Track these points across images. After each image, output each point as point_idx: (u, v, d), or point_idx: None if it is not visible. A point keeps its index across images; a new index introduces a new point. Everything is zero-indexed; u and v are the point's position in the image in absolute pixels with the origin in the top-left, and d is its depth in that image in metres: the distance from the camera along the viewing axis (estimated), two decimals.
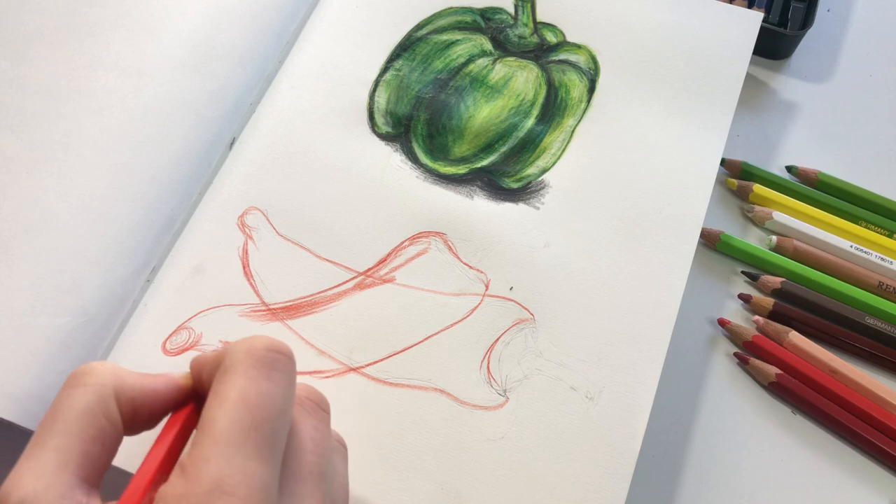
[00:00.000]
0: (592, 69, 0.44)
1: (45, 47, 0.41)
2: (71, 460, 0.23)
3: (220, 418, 0.23)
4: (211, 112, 0.40)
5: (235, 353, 0.25)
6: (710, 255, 0.43)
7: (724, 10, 0.46)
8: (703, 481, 0.37)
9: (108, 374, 0.25)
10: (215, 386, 0.24)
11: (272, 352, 0.25)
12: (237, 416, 0.23)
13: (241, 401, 0.23)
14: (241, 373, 0.24)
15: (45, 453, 0.23)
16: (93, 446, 0.24)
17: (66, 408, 0.24)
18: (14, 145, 0.39)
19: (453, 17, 0.45)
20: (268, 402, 0.24)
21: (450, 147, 0.41)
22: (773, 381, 0.38)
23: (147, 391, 0.26)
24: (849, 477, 0.37)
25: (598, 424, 0.34)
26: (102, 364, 0.26)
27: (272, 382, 0.24)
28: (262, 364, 0.24)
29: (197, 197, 0.39)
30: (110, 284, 0.36)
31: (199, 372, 0.27)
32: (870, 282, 0.41)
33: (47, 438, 0.24)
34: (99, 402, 0.25)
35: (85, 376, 0.25)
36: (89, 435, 0.24)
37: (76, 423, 0.24)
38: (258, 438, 0.23)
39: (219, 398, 0.24)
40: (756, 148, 0.46)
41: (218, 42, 0.42)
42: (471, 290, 0.37)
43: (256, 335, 0.25)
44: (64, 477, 0.23)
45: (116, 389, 0.25)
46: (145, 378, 0.26)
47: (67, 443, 0.24)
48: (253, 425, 0.23)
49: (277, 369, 0.25)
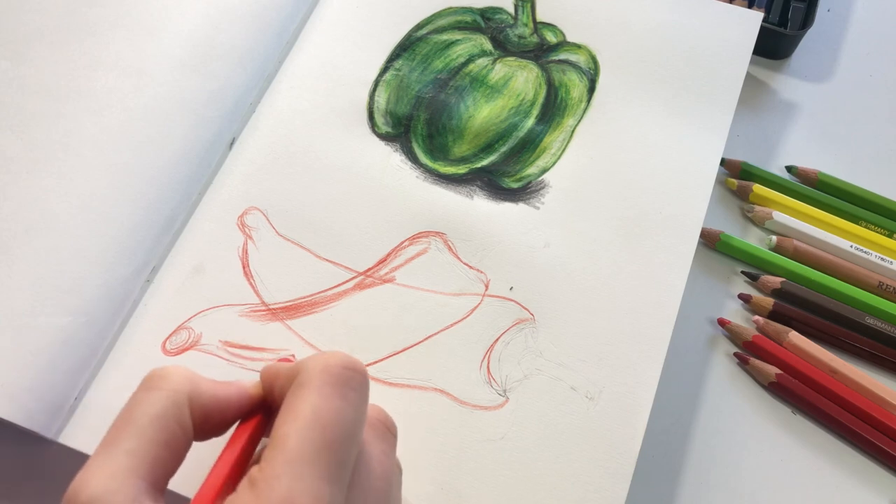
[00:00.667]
0: (592, 69, 0.44)
1: (45, 47, 0.41)
2: (142, 464, 0.23)
3: (292, 435, 0.23)
4: (211, 112, 0.40)
5: (310, 370, 0.25)
6: (710, 255, 0.43)
7: (724, 10, 0.46)
8: (703, 481, 0.37)
9: (184, 380, 0.25)
10: (289, 401, 0.24)
11: (347, 370, 0.25)
12: (310, 435, 0.23)
13: (314, 419, 0.23)
14: (316, 389, 0.24)
15: (117, 455, 0.23)
16: (164, 451, 0.24)
17: (140, 411, 0.24)
18: (14, 145, 0.39)
19: (453, 17, 0.45)
20: (341, 421, 0.24)
21: (450, 147, 0.41)
22: (773, 381, 0.38)
23: (220, 399, 0.26)
24: (849, 477, 0.37)
25: (598, 424, 0.34)
26: (178, 369, 0.26)
27: (346, 402, 0.24)
28: (336, 382, 0.24)
29: (197, 197, 0.39)
30: (110, 284, 0.36)
31: (270, 383, 0.27)
32: (870, 282, 0.41)
33: (120, 440, 0.24)
34: (173, 408, 0.25)
35: (161, 380, 0.25)
36: (161, 440, 0.24)
37: (149, 427, 0.24)
38: (329, 458, 0.23)
39: (292, 414, 0.24)
40: (756, 148, 0.46)
41: (218, 42, 0.42)
42: (471, 290, 0.37)
43: (332, 351, 0.25)
44: (135, 480, 0.23)
45: (191, 396, 0.25)
46: (218, 385, 0.26)
47: (140, 446, 0.24)
48: (325, 445, 0.23)
49: (352, 388, 0.25)
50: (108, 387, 0.34)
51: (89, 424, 0.33)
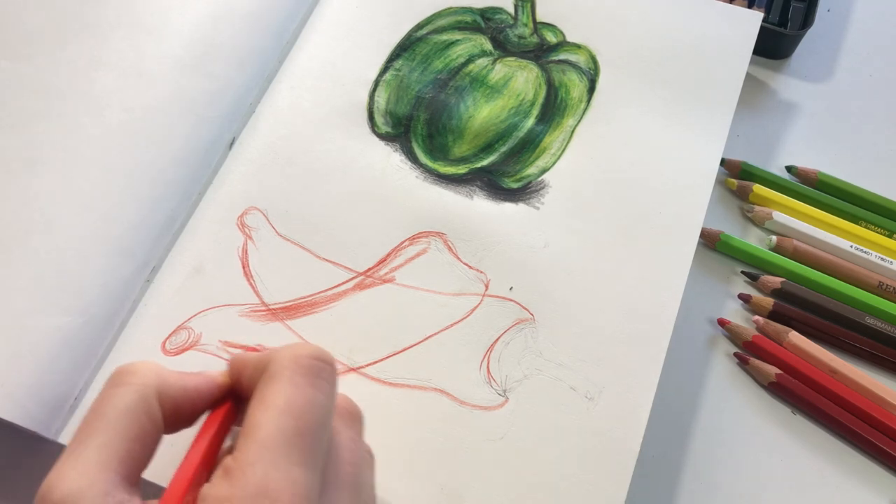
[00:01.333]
0: (592, 69, 0.44)
1: (45, 47, 0.41)
2: (113, 458, 0.24)
3: (265, 423, 0.23)
4: (211, 112, 0.40)
5: (281, 360, 0.25)
6: (710, 255, 0.43)
7: (724, 10, 0.46)
8: (703, 481, 0.37)
9: (151, 374, 0.26)
10: (260, 390, 0.25)
11: (317, 360, 0.25)
12: (283, 423, 0.23)
13: (287, 407, 0.24)
14: (287, 379, 0.24)
15: (87, 451, 0.24)
16: (135, 445, 0.24)
17: (109, 406, 0.24)
18: (14, 145, 0.39)
19: (453, 17, 0.45)
20: (313, 410, 0.24)
21: (450, 147, 0.41)
22: (773, 381, 0.38)
23: (188, 390, 0.26)
24: (849, 477, 0.37)
25: (598, 424, 0.34)
26: (145, 363, 0.26)
27: (317, 390, 0.25)
28: (307, 371, 0.25)
29: (197, 197, 0.39)
30: (110, 284, 0.36)
31: (238, 372, 0.27)
32: (870, 282, 0.41)
33: (90, 436, 0.24)
34: (142, 402, 0.25)
35: (128, 375, 0.25)
36: (132, 434, 0.24)
37: (119, 421, 0.24)
38: (303, 446, 0.23)
39: (264, 403, 0.24)
40: (756, 148, 0.46)
41: (218, 42, 0.42)
42: (471, 290, 0.37)
43: (301, 342, 0.26)
44: (107, 475, 0.23)
45: (159, 389, 0.25)
46: (186, 377, 0.27)
47: (110, 441, 0.24)
48: (298, 432, 0.23)
49: (322, 378, 0.25)
50: None
51: None
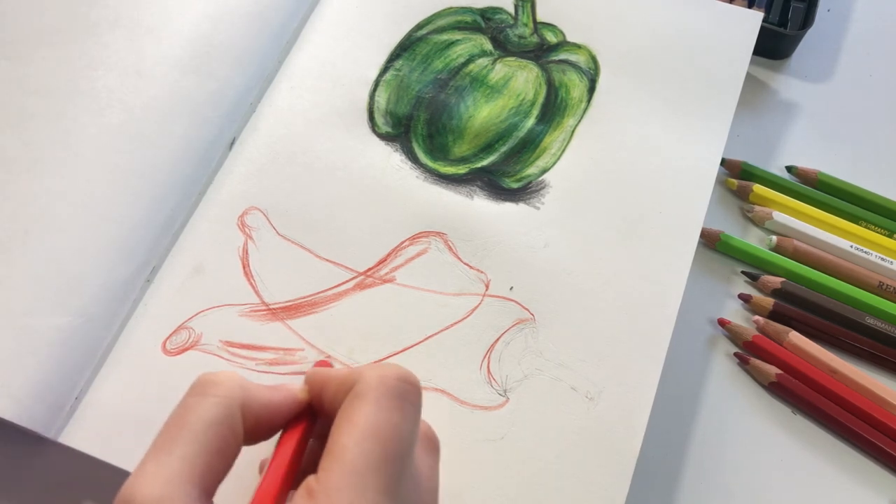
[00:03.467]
0: (592, 69, 0.44)
1: (45, 47, 0.41)
2: (196, 471, 0.23)
3: (351, 447, 0.23)
4: (211, 112, 0.40)
5: (368, 380, 0.25)
6: (710, 255, 0.43)
7: (724, 10, 0.46)
8: (703, 481, 0.37)
9: (237, 387, 0.25)
10: (346, 411, 0.24)
11: (404, 382, 0.25)
12: (369, 447, 0.23)
13: (374, 432, 0.24)
14: (374, 402, 0.24)
15: (171, 460, 0.23)
16: (217, 459, 0.24)
17: (194, 417, 0.24)
18: (14, 145, 0.39)
19: (453, 17, 0.45)
20: (399, 436, 0.24)
21: (450, 147, 0.41)
22: (773, 381, 0.38)
23: (270, 406, 0.26)
24: (849, 477, 0.37)
25: (598, 424, 0.34)
26: (230, 375, 0.26)
27: (403, 415, 0.24)
28: (394, 394, 0.25)
29: (197, 197, 0.39)
30: (110, 284, 0.36)
31: (320, 388, 0.27)
32: (870, 282, 0.41)
33: (174, 445, 0.24)
34: (227, 416, 0.25)
35: (213, 386, 0.25)
36: (215, 447, 0.24)
37: (204, 434, 0.24)
38: (388, 473, 0.23)
39: (350, 424, 0.24)
40: (756, 148, 0.46)
41: (218, 42, 0.42)
42: (471, 290, 0.37)
43: (388, 363, 0.26)
44: (189, 487, 0.23)
45: (244, 403, 0.25)
46: (269, 392, 0.26)
47: (194, 452, 0.24)
48: (384, 458, 0.23)
49: (409, 402, 0.25)
50: (108, 387, 0.34)
51: (89, 424, 0.33)
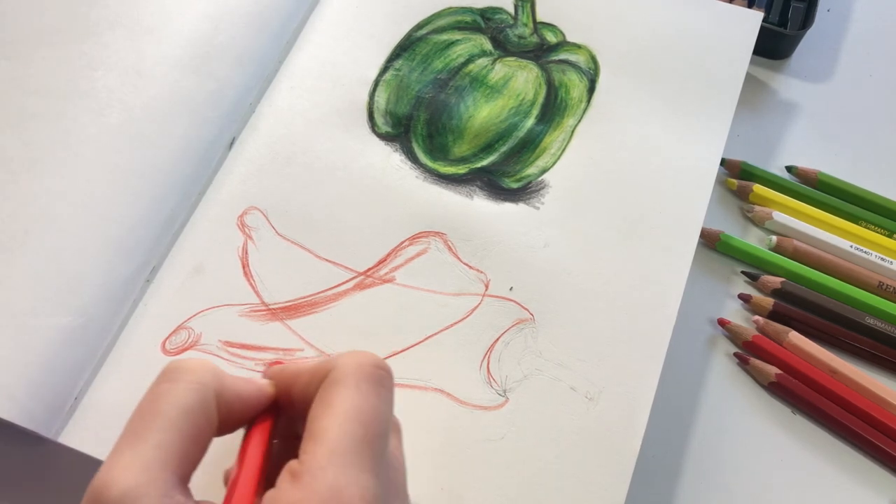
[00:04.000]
0: (592, 69, 0.44)
1: (45, 47, 0.41)
2: (172, 458, 0.23)
3: (333, 428, 0.23)
4: (211, 112, 0.40)
5: (344, 366, 0.25)
6: (710, 255, 0.43)
7: (724, 10, 0.46)
8: (703, 481, 0.37)
9: (211, 375, 0.25)
10: (324, 396, 0.25)
11: (379, 368, 0.25)
12: (351, 429, 0.23)
13: (355, 414, 0.24)
14: (353, 386, 0.24)
15: (145, 448, 0.23)
16: (191, 445, 0.24)
17: (168, 404, 0.24)
18: (14, 145, 0.39)
19: (453, 17, 0.45)
20: (377, 417, 0.24)
21: (450, 147, 0.41)
22: (773, 381, 0.38)
23: (242, 397, 0.26)
24: (849, 477, 0.37)
25: (598, 424, 0.34)
26: (202, 362, 0.26)
27: (380, 399, 0.25)
28: (371, 379, 0.25)
29: (197, 197, 0.39)
30: (110, 284, 0.36)
31: (289, 382, 0.27)
32: (870, 282, 0.41)
33: (148, 432, 0.23)
34: (201, 402, 0.24)
35: (186, 373, 0.25)
36: (190, 434, 0.24)
37: (179, 420, 0.24)
38: (370, 452, 0.23)
39: (331, 409, 0.24)
40: (756, 148, 0.46)
41: (218, 42, 0.42)
42: (471, 290, 0.37)
43: (361, 351, 0.26)
44: (165, 475, 0.23)
45: (217, 391, 0.25)
46: (240, 382, 0.26)
47: (169, 440, 0.23)
48: (366, 439, 0.23)
49: (384, 386, 0.25)
50: (108, 387, 0.34)
51: (89, 424, 0.33)
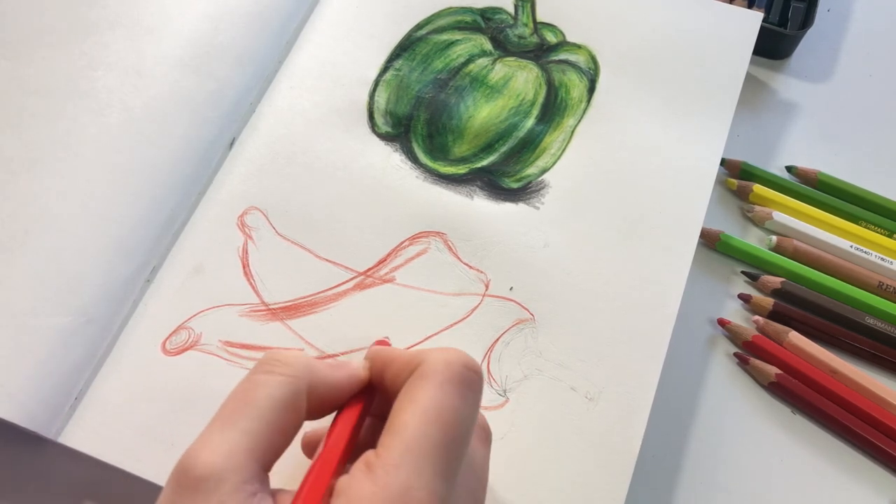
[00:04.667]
0: (592, 69, 0.44)
1: (45, 47, 0.41)
2: (259, 447, 0.23)
3: (412, 426, 0.23)
4: (211, 112, 0.40)
5: (433, 362, 0.25)
6: (710, 255, 0.43)
7: (724, 10, 0.46)
8: (703, 481, 0.37)
9: (305, 368, 0.25)
10: (409, 391, 0.24)
11: (468, 369, 0.25)
12: (430, 430, 0.23)
13: (436, 414, 0.24)
14: (438, 385, 0.24)
15: (234, 434, 0.23)
16: (278, 436, 0.24)
17: (260, 394, 0.24)
18: (14, 145, 0.39)
19: (453, 17, 0.45)
20: (459, 421, 0.24)
21: (450, 147, 0.41)
22: (773, 381, 0.38)
23: (334, 385, 0.26)
24: (849, 477, 0.37)
25: (597, 424, 0.34)
26: (297, 355, 0.26)
27: (464, 401, 0.24)
28: (457, 380, 0.25)
29: (197, 197, 0.39)
30: (110, 284, 0.36)
31: (383, 367, 0.27)
32: (870, 282, 0.41)
33: (239, 419, 0.24)
34: (293, 396, 0.25)
35: (281, 365, 0.25)
36: (278, 426, 0.24)
37: (269, 411, 0.24)
38: (446, 456, 0.23)
39: (413, 404, 0.24)
40: (756, 148, 0.46)
41: (218, 42, 0.42)
42: (471, 290, 0.37)
43: (453, 348, 0.26)
44: (250, 463, 0.23)
45: (310, 384, 0.25)
46: (334, 371, 0.26)
47: (258, 429, 0.24)
48: (444, 442, 0.23)
49: (471, 389, 0.25)
50: (108, 387, 0.34)
51: (89, 424, 0.33)
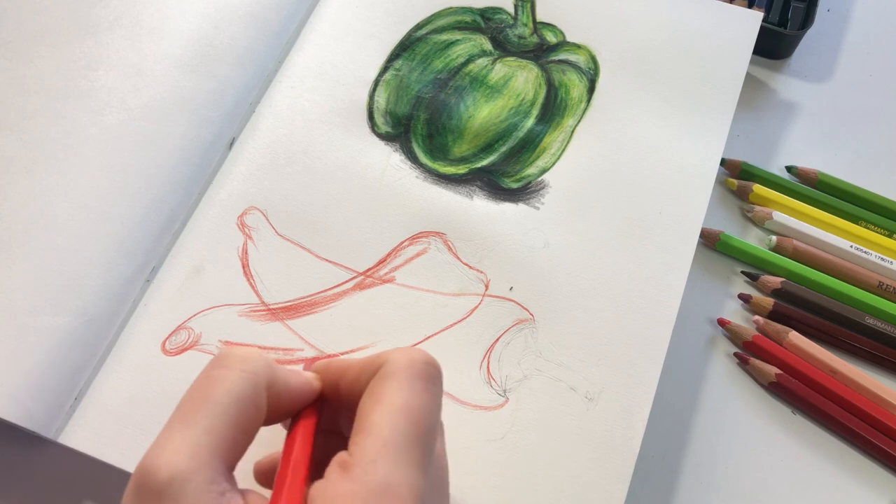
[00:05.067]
0: (592, 69, 0.44)
1: (45, 47, 0.41)
2: (221, 445, 0.23)
3: (385, 423, 0.23)
4: (211, 112, 0.40)
5: (396, 361, 0.25)
6: (710, 255, 0.43)
7: (724, 9, 0.46)
8: (703, 481, 0.37)
9: (264, 364, 0.25)
10: (375, 391, 0.25)
11: (430, 366, 0.25)
12: (402, 425, 0.23)
13: (406, 410, 0.24)
14: (405, 382, 0.24)
15: (196, 432, 0.23)
16: (240, 434, 0.24)
17: (221, 390, 0.24)
18: (14, 145, 0.39)
19: (453, 17, 0.45)
20: (428, 414, 0.24)
21: (450, 147, 0.41)
22: (773, 381, 0.38)
23: (291, 389, 0.26)
24: (849, 477, 0.37)
25: (597, 424, 0.34)
26: (255, 351, 0.26)
27: (431, 396, 0.25)
28: (423, 376, 0.25)
29: (197, 197, 0.39)
30: (110, 284, 0.36)
31: (335, 378, 0.27)
32: (870, 282, 0.41)
33: (199, 417, 0.23)
34: (253, 391, 0.24)
35: (241, 362, 0.25)
36: (240, 423, 0.24)
37: (230, 407, 0.24)
38: (419, 449, 0.23)
39: (382, 404, 0.24)
40: (756, 148, 0.46)
41: (217, 42, 0.42)
42: (471, 290, 0.37)
43: (412, 347, 0.26)
44: (214, 461, 0.23)
45: (269, 382, 0.25)
46: (290, 375, 0.26)
47: (220, 427, 0.23)
48: (416, 435, 0.24)
49: (435, 384, 0.25)
50: (108, 387, 0.34)
51: (89, 424, 0.33)
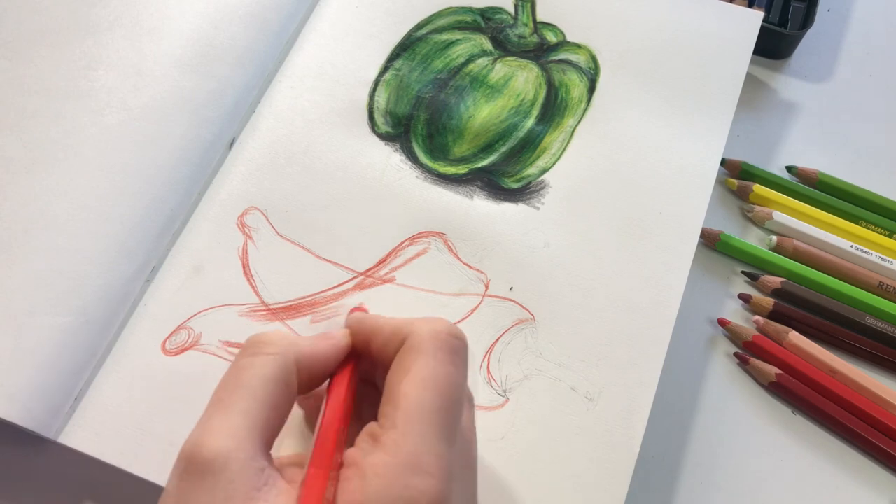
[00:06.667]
0: (592, 69, 0.44)
1: (45, 47, 0.41)
2: (257, 425, 0.24)
3: (413, 396, 0.24)
4: (211, 112, 0.40)
5: (421, 332, 0.26)
6: (710, 255, 0.43)
7: (724, 9, 0.46)
8: (703, 481, 0.37)
9: (288, 344, 0.26)
10: (402, 362, 0.25)
11: (455, 338, 0.26)
12: (429, 397, 0.24)
13: (433, 382, 0.24)
14: (431, 354, 0.25)
15: (232, 415, 0.24)
16: (274, 413, 0.25)
17: (250, 375, 0.25)
18: (14, 145, 0.39)
19: (453, 17, 0.45)
20: (453, 386, 0.25)
21: (450, 147, 0.41)
22: (773, 381, 0.38)
23: (320, 357, 0.27)
24: (849, 477, 0.37)
25: (597, 424, 0.34)
26: (280, 334, 0.27)
27: (455, 368, 0.25)
28: (447, 348, 0.26)
29: (197, 197, 0.39)
30: (110, 284, 0.36)
31: (366, 337, 0.28)
32: (870, 282, 0.41)
33: (233, 401, 0.25)
34: (282, 372, 0.26)
35: (266, 346, 0.26)
36: (272, 403, 0.25)
37: (261, 390, 0.25)
38: (446, 421, 0.24)
39: (409, 375, 0.25)
40: (756, 148, 0.46)
41: (217, 42, 0.42)
42: (471, 290, 0.37)
43: (436, 318, 0.26)
44: (252, 440, 0.24)
45: (297, 359, 0.26)
46: (318, 344, 0.27)
47: (254, 408, 0.24)
48: (443, 407, 0.24)
49: (460, 355, 0.26)
50: (108, 387, 0.34)
51: (89, 424, 0.33)
